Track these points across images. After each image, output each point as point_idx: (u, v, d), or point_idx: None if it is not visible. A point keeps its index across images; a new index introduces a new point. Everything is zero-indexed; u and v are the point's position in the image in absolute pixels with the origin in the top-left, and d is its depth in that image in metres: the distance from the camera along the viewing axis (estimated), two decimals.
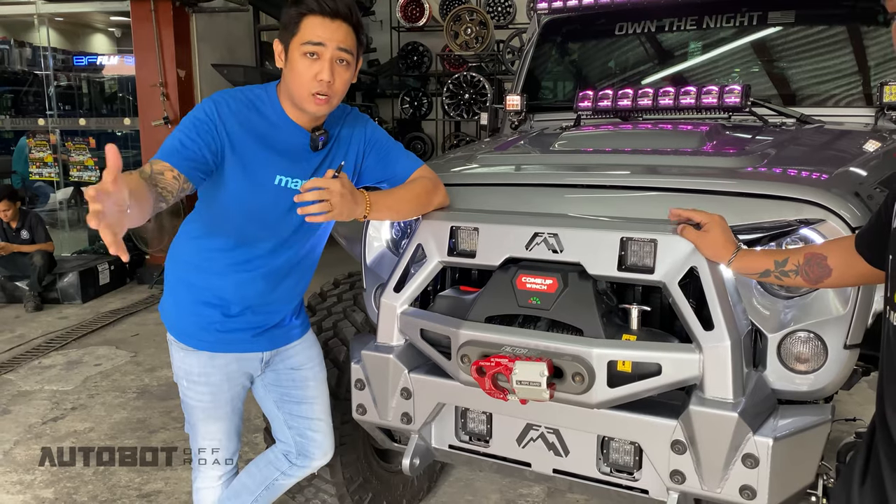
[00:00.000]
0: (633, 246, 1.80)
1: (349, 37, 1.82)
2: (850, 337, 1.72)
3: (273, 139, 1.88)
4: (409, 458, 2.09)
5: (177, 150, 1.75)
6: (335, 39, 1.80)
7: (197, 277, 1.99)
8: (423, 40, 10.62)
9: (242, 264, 1.95)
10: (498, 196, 2.15)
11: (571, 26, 3.59)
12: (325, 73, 1.79)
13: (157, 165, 1.69)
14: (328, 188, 1.70)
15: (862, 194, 1.84)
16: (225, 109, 1.83)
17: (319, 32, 1.78)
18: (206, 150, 1.78)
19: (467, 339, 1.86)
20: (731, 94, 2.65)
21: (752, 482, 1.68)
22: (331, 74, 1.80)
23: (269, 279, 2.00)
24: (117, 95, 9.63)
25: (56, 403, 4.29)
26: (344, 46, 1.81)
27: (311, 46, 1.79)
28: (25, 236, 6.71)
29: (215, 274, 1.96)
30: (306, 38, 1.79)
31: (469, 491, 3.23)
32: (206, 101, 1.85)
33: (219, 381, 2.04)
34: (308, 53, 1.79)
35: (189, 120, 1.82)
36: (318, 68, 1.79)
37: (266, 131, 1.88)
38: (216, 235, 1.94)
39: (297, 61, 1.80)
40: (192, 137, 1.77)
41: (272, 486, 2.25)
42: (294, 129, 1.91)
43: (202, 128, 1.79)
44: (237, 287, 1.97)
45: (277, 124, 1.89)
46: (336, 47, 1.80)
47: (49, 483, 3.32)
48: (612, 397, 1.75)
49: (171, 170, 1.69)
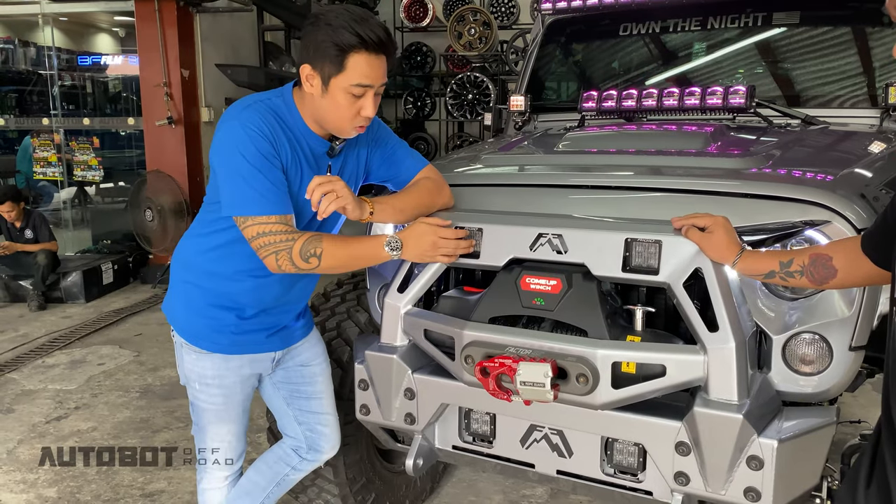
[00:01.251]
0: (638, 247, 1.79)
1: (388, 65, 1.81)
2: (855, 338, 1.71)
3: (298, 151, 1.87)
4: (413, 458, 2.09)
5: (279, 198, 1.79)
6: (381, 78, 1.78)
7: (211, 282, 1.97)
8: (427, 41, 10.61)
9: (261, 269, 1.89)
10: (502, 197, 2.15)
11: (575, 27, 3.59)
12: (369, 111, 1.79)
13: (287, 219, 1.79)
14: (328, 181, 1.73)
15: (867, 195, 1.83)
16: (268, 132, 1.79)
17: (368, 72, 1.75)
18: (284, 180, 1.82)
19: (471, 339, 1.86)
20: (735, 95, 2.64)
21: (756, 484, 1.67)
22: (374, 109, 1.80)
23: (284, 282, 1.99)
24: (121, 95, 9.64)
25: (59, 403, 4.30)
26: (385, 80, 1.81)
27: (361, 89, 1.76)
28: (29, 236, 6.72)
29: (231, 279, 1.95)
30: (355, 80, 1.75)
31: (472, 492, 3.23)
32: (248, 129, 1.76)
33: (232, 384, 2.04)
34: (355, 95, 1.77)
35: (256, 155, 1.75)
36: (363, 104, 1.78)
37: (296, 144, 1.86)
38: (238, 243, 1.88)
39: (339, 97, 1.77)
40: (276, 174, 1.78)
41: (283, 482, 2.26)
42: (314, 139, 1.90)
43: (272, 158, 1.78)
44: (254, 291, 1.97)
45: (301, 137, 1.88)
46: (380, 84, 1.80)
47: (52, 482, 3.33)
48: (617, 398, 1.74)
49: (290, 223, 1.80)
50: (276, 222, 1.76)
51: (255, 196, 1.74)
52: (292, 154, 1.84)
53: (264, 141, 1.76)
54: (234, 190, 1.77)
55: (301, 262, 1.77)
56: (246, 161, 1.74)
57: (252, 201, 1.75)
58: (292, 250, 1.76)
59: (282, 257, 1.77)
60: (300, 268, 1.78)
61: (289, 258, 1.77)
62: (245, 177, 1.74)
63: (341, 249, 1.80)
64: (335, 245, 1.79)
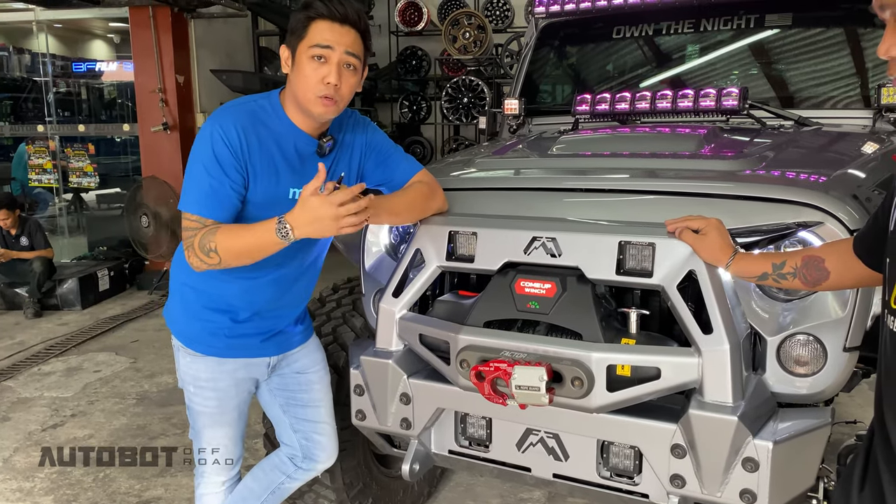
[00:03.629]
0: (632, 250, 1.80)
1: (357, 42, 1.83)
2: (849, 339, 1.72)
3: (282, 151, 1.88)
4: (409, 463, 2.09)
5: (214, 203, 1.78)
6: (343, 43, 1.80)
7: (205, 284, 1.98)
8: (422, 45, 10.62)
9: (251, 271, 1.92)
10: (496, 200, 2.15)
11: (569, 30, 3.60)
12: (332, 77, 1.79)
13: (208, 222, 1.77)
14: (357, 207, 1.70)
15: (860, 196, 1.84)
16: (236, 132, 1.80)
17: (328, 36, 1.79)
18: (236, 187, 1.81)
19: (466, 343, 1.86)
20: (728, 97, 2.65)
21: (752, 486, 1.67)
22: (338, 78, 1.80)
23: (277, 285, 2.00)
24: (116, 102, 9.65)
25: (56, 410, 4.28)
26: (352, 51, 1.82)
27: (320, 49, 1.79)
28: (25, 243, 6.70)
29: (223, 281, 1.95)
30: (315, 41, 1.79)
31: (470, 496, 3.23)
32: (215, 129, 1.80)
33: (226, 387, 2.04)
34: (316, 56, 1.79)
35: (210, 158, 1.78)
36: (326, 71, 1.79)
37: (274, 144, 1.87)
38: None
39: (304, 64, 1.80)
40: (221, 181, 1.78)
41: (278, 490, 2.25)
42: (301, 137, 1.90)
43: (226, 163, 1.79)
44: (245, 293, 1.97)
45: (284, 134, 1.89)
46: (344, 51, 1.81)
47: (48, 490, 3.32)
48: (612, 401, 1.74)
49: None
50: (195, 220, 1.79)
51: (192, 194, 1.80)
52: (264, 155, 1.85)
53: (223, 146, 1.79)
54: (183, 187, 1.84)
55: (204, 257, 1.76)
56: (200, 162, 1.81)
57: (187, 198, 1.81)
58: (194, 245, 1.77)
59: (190, 254, 1.79)
60: (209, 263, 1.77)
61: (195, 254, 1.78)
62: (194, 176, 1.81)
63: (233, 241, 1.76)
64: (227, 238, 1.75)
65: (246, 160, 1.82)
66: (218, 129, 1.80)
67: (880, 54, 1.13)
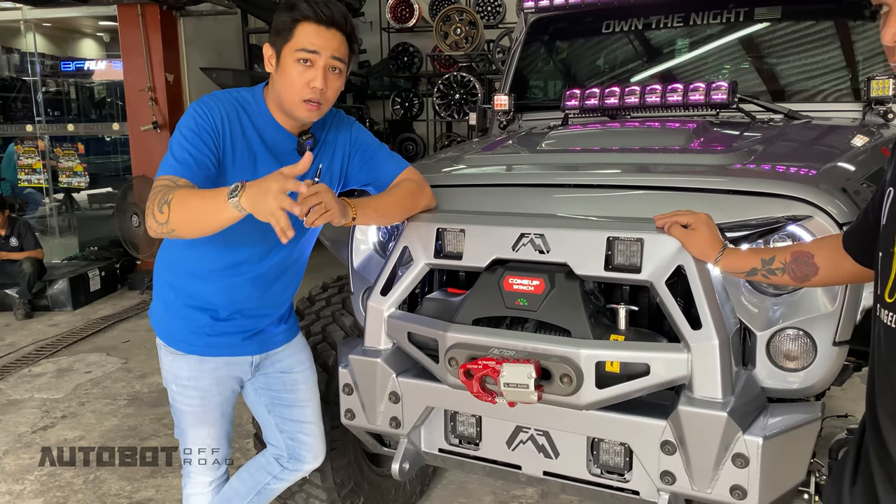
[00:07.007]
0: (620, 245, 1.78)
1: (343, 45, 1.82)
2: (839, 334, 1.71)
3: (261, 144, 1.87)
4: (399, 462, 2.07)
5: (190, 165, 1.72)
6: (329, 48, 1.79)
7: (185, 282, 1.98)
8: (414, 41, 10.60)
9: (230, 269, 1.93)
10: (484, 197, 2.14)
11: (559, 25, 3.58)
12: (318, 81, 1.78)
13: (181, 181, 1.68)
14: (317, 192, 1.61)
15: (849, 190, 1.83)
16: (220, 114, 1.81)
17: (314, 40, 1.77)
18: (212, 159, 1.78)
19: (455, 341, 1.85)
20: (718, 91, 2.64)
21: (742, 482, 1.66)
22: (324, 82, 1.79)
23: (257, 283, 1.98)
24: (106, 100, 9.58)
25: (46, 412, 4.25)
26: (337, 55, 1.81)
27: (306, 53, 1.77)
28: (14, 244, 6.66)
29: (203, 278, 1.95)
30: (301, 44, 1.77)
31: (462, 493, 3.22)
32: (199, 106, 1.81)
33: (208, 386, 2.03)
34: (302, 60, 1.78)
35: (189, 128, 1.77)
36: (312, 76, 1.78)
37: (255, 136, 1.87)
38: (204, 240, 1.88)
39: (289, 67, 1.79)
40: (199, 148, 1.75)
41: (263, 491, 2.24)
42: (282, 134, 1.90)
43: (205, 136, 1.77)
44: (225, 291, 1.96)
45: (265, 128, 1.88)
46: (330, 56, 1.79)
47: (39, 493, 3.29)
48: (601, 398, 1.73)
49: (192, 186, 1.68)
50: (167, 179, 1.69)
51: (168, 160, 1.74)
52: (244, 142, 1.84)
53: (204, 120, 1.78)
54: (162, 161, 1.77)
55: (158, 212, 1.62)
56: (180, 132, 1.77)
57: (164, 164, 1.73)
58: (155, 199, 1.64)
59: (149, 214, 1.65)
60: (159, 221, 1.62)
61: (152, 211, 1.64)
62: (172, 146, 1.76)
63: (188, 197, 1.62)
64: (185, 194, 1.63)
65: (224, 141, 1.81)
66: (201, 107, 1.81)
67: (885, 41, 1.11)
